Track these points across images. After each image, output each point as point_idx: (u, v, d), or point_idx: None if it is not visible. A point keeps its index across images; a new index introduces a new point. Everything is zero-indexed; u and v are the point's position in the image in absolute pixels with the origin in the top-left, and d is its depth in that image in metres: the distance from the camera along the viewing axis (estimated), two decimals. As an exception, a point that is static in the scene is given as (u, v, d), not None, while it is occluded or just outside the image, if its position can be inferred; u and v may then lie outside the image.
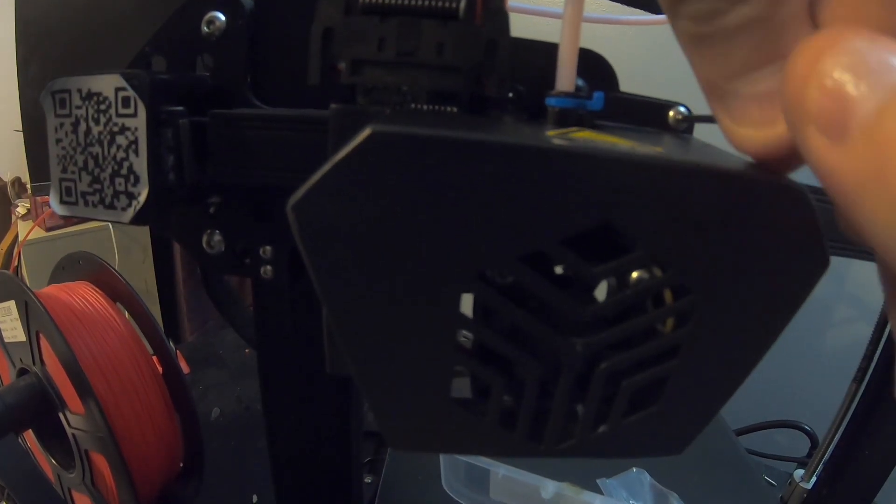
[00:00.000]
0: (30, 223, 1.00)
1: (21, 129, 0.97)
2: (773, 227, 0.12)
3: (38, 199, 1.01)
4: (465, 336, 0.13)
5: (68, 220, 1.06)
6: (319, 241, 0.12)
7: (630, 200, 0.12)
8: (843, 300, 0.74)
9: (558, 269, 0.14)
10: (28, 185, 1.07)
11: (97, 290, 0.39)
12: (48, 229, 1.01)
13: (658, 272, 0.13)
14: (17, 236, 1.01)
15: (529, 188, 0.11)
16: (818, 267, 0.12)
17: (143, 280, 0.95)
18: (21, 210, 1.06)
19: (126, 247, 1.04)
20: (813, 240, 0.12)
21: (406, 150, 0.11)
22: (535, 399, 0.14)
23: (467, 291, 0.12)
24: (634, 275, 0.13)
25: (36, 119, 0.23)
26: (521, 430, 0.14)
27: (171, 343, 0.40)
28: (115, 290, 0.40)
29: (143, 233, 1.08)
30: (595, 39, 0.19)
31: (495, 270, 0.13)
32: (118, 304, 0.40)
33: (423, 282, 0.12)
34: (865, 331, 0.40)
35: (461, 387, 0.15)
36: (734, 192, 0.12)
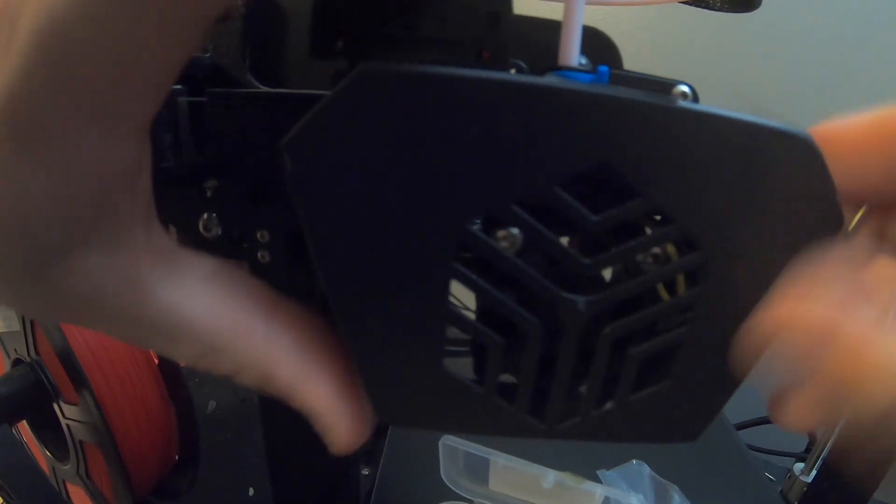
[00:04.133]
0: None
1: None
2: (781, 177, 0.12)
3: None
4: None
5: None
6: (312, 183, 0.11)
7: (631, 142, 0.11)
8: None
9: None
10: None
11: (93, 279, 0.39)
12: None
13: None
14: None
15: (524, 127, 0.11)
16: (832, 224, 0.12)
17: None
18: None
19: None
20: (824, 193, 0.12)
21: (398, 88, 0.11)
22: (536, 364, 0.13)
23: (461, 239, 0.12)
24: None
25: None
26: (521, 401, 0.14)
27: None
28: (111, 279, 0.39)
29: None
30: (597, 23, 0.19)
31: (492, 217, 0.12)
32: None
33: (415, 229, 0.12)
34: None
35: (462, 370, 0.14)
36: (738, 136, 0.11)
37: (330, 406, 0.14)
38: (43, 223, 0.11)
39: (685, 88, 0.20)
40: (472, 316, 0.14)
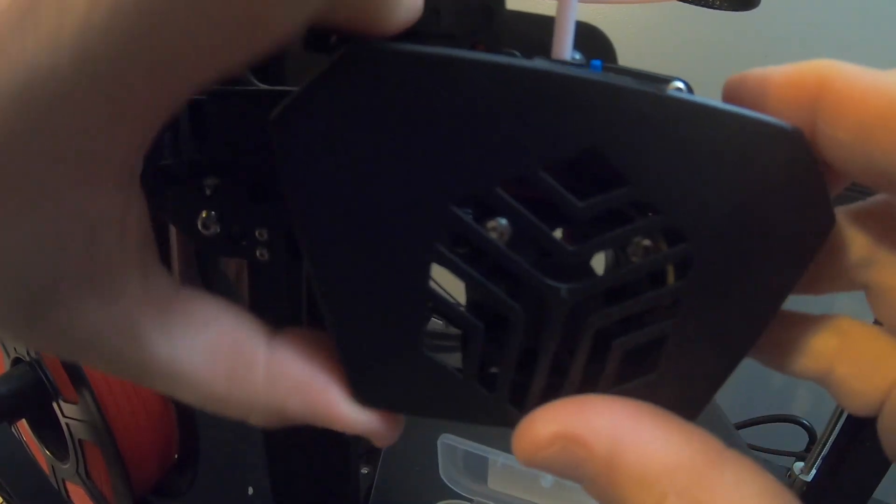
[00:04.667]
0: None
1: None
2: (769, 170, 0.12)
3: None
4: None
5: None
6: (297, 159, 0.11)
7: (618, 129, 0.11)
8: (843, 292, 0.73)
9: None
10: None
11: (93, 278, 0.39)
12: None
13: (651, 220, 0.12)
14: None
15: (511, 109, 0.11)
16: (822, 221, 0.12)
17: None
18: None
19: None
20: (813, 188, 0.12)
21: (385, 66, 0.11)
22: (517, 352, 0.13)
23: (444, 220, 0.12)
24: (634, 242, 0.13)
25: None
26: (501, 390, 0.14)
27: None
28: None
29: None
30: (594, 20, 0.19)
31: (480, 206, 0.12)
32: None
33: (398, 208, 0.12)
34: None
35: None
36: (726, 127, 0.11)
37: (356, 418, 0.14)
38: (30, 273, 0.11)
39: (680, 84, 0.20)
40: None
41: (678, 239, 0.12)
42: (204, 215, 0.25)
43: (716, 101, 0.12)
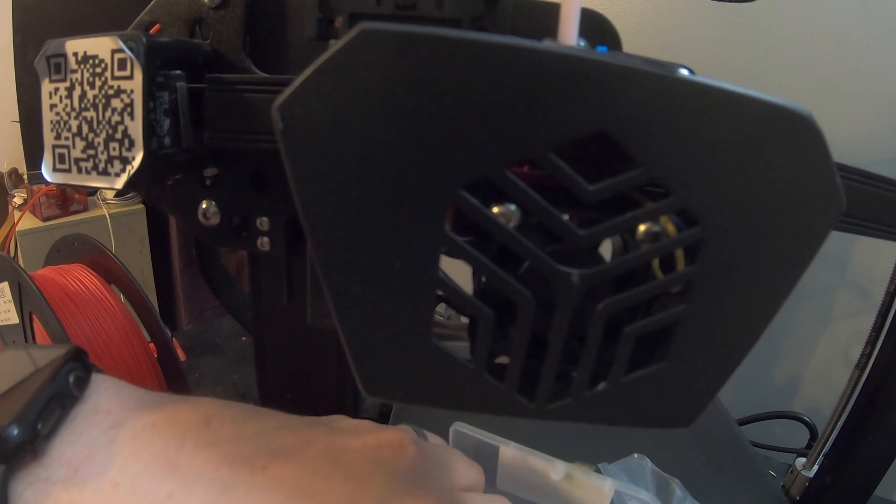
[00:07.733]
0: (27, 213, 1.00)
1: (17, 119, 0.97)
2: (781, 154, 0.11)
3: (35, 188, 1.01)
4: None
5: (64, 210, 1.05)
6: (304, 146, 0.11)
7: (628, 110, 0.11)
8: (844, 288, 0.74)
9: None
10: (25, 175, 1.07)
11: (92, 272, 0.39)
12: (44, 219, 1.01)
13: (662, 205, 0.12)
14: (13, 226, 1.01)
15: (520, 90, 0.11)
16: (832, 205, 0.12)
17: (140, 270, 0.95)
18: (18, 200, 1.06)
19: (123, 237, 1.04)
20: (824, 173, 0.12)
21: (397, 49, 0.11)
22: (527, 340, 0.13)
23: (455, 206, 0.12)
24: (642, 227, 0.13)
25: (33, 107, 0.23)
26: (511, 380, 0.14)
27: (167, 329, 0.40)
28: (111, 272, 0.39)
29: (140, 223, 1.08)
30: (599, 7, 0.19)
31: (488, 189, 0.12)
32: (113, 286, 0.39)
33: (406, 192, 0.11)
34: (866, 321, 0.40)
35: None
36: (738, 110, 0.11)
37: None
38: None
39: (685, 72, 0.20)
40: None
41: (689, 222, 0.12)
42: (204, 206, 0.24)
43: (727, 83, 0.11)
